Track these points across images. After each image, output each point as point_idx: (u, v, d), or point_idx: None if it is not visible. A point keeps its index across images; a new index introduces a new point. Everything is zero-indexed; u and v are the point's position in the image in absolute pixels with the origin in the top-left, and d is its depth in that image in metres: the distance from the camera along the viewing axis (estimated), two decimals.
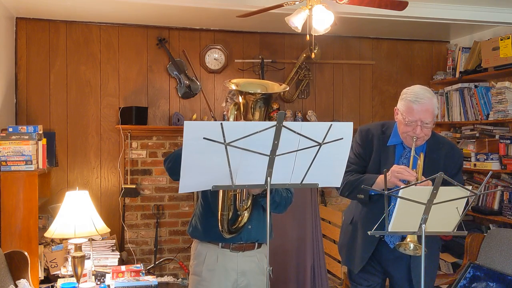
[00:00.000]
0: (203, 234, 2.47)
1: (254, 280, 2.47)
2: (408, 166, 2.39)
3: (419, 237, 2.21)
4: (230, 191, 2.26)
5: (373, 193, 2.49)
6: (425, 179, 2.29)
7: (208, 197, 2.44)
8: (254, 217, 2.40)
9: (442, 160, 2.53)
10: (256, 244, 2.48)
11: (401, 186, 2.19)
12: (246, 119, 2.17)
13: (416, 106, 2.39)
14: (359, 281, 2.69)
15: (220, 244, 2.43)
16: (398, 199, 2.04)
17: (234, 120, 2.18)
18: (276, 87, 2.26)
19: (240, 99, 2.18)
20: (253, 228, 2.43)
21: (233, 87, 2.16)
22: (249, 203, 2.33)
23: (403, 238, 2.54)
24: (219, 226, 2.32)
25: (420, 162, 2.42)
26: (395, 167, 2.38)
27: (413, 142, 2.41)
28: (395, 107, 2.54)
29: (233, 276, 2.44)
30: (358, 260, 2.62)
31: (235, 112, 2.19)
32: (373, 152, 2.57)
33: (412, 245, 2.24)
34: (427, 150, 2.52)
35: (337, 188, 2.67)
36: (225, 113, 2.52)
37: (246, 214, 2.35)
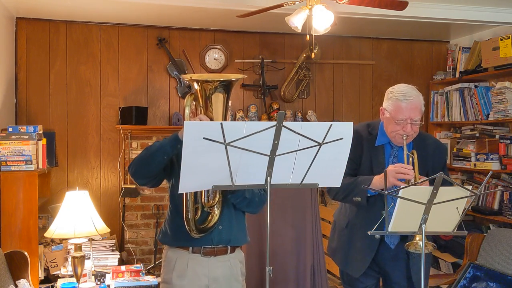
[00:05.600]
0: (172, 239, 2.37)
1: (227, 286, 2.37)
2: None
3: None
4: None
5: (370, 195, 2.46)
6: (425, 178, 2.29)
7: (176, 199, 2.33)
8: (224, 216, 2.30)
9: (430, 158, 2.53)
10: (229, 248, 2.38)
11: (401, 186, 2.18)
12: (206, 110, 2.15)
13: (405, 104, 2.40)
14: (355, 284, 2.66)
15: (190, 248, 2.33)
16: (398, 199, 2.04)
17: (189, 112, 2.15)
18: (232, 76, 2.24)
19: (197, 89, 2.18)
20: (223, 229, 2.32)
21: (189, 77, 2.22)
22: (216, 199, 2.25)
23: (402, 238, 2.54)
24: (185, 225, 2.21)
25: (415, 159, 2.42)
26: (391, 167, 2.36)
27: (404, 140, 2.41)
28: (381, 107, 2.53)
29: (204, 282, 2.34)
30: (359, 264, 2.58)
31: (193, 103, 2.17)
32: (363, 153, 2.55)
33: (420, 243, 2.21)
34: (415, 148, 2.51)
35: (328, 193, 2.65)
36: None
37: (216, 212, 2.26)
